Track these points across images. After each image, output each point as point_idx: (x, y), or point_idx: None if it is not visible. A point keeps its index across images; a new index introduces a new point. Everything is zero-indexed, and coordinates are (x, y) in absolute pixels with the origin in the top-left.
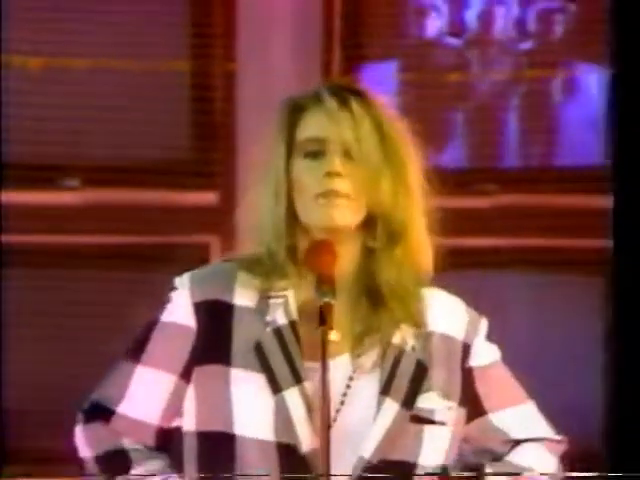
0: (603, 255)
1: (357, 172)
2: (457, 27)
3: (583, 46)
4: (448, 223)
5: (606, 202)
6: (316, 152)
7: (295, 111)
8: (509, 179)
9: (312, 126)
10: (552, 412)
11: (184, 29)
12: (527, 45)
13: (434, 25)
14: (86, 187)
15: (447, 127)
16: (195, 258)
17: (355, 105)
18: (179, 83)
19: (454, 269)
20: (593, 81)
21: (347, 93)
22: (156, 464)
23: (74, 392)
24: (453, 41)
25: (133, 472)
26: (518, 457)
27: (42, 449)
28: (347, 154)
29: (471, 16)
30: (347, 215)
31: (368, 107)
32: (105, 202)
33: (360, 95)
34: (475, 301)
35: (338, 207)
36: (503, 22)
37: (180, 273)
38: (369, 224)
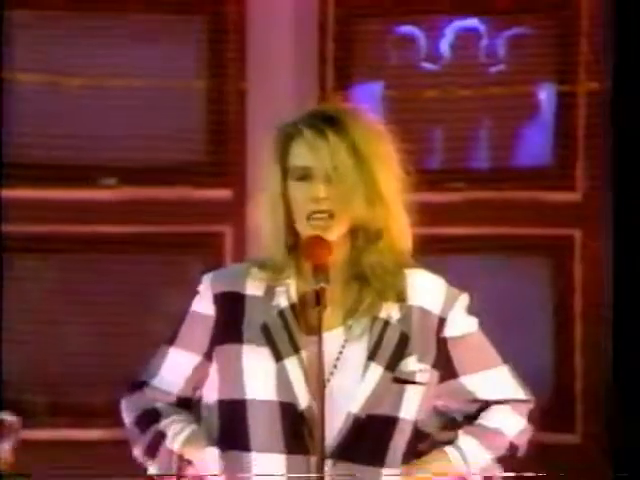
0: (549, 240)
1: (337, 193)
2: (433, 54)
3: (540, 67)
4: (425, 215)
5: (554, 197)
6: (304, 176)
7: (285, 140)
8: (476, 178)
9: (298, 156)
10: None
11: (203, 53)
12: (493, 68)
13: (414, 52)
14: (122, 185)
15: (425, 136)
16: (212, 245)
17: (331, 135)
18: (198, 98)
19: (431, 254)
20: (547, 97)
21: (326, 123)
22: (181, 417)
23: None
24: (429, 66)
25: (162, 423)
26: (486, 420)
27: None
28: (328, 178)
29: (445, 44)
30: (331, 231)
31: (345, 134)
32: (137, 198)
33: (338, 123)
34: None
35: (323, 226)
36: (473, 49)
37: (199, 258)
38: (353, 229)
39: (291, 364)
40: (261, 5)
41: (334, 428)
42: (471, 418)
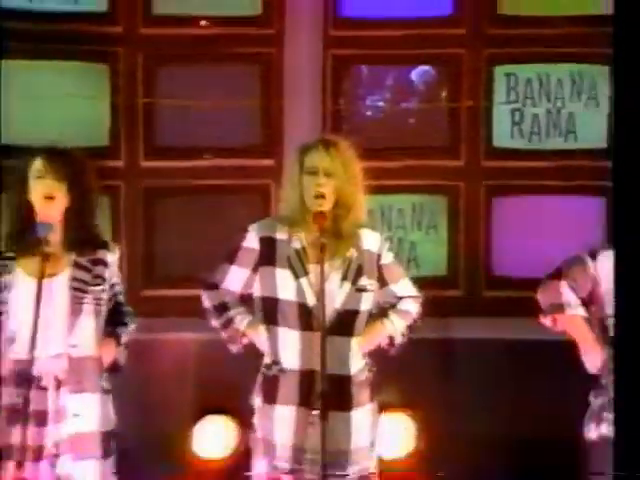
0: None
1: (331, 184)
2: (378, 92)
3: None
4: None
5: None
6: (312, 172)
7: (303, 151)
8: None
9: (309, 161)
10: None
11: (257, 82)
12: (417, 94)
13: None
14: (215, 157)
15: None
16: (263, 190)
17: (331, 150)
18: (257, 110)
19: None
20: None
21: (329, 145)
22: (241, 309)
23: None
24: (377, 98)
25: (232, 312)
26: (401, 306)
27: None
28: (327, 174)
29: (389, 81)
30: (325, 205)
31: (336, 151)
32: (223, 164)
33: (335, 145)
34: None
35: (321, 202)
36: (401, 85)
37: (258, 197)
38: (336, 204)
39: (303, 280)
40: (292, 50)
41: (327, 316)
42: (394, 305)
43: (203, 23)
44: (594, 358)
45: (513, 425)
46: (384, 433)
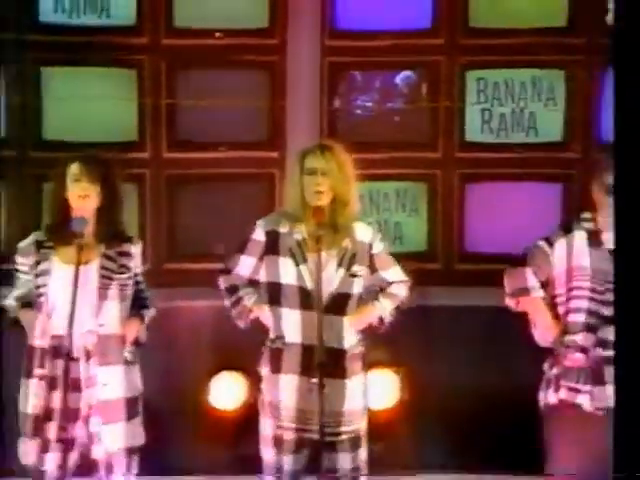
0: None
1: (327, 182)
2: (368, 94)
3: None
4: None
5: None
6: (311, 173)
7: (303, 155)
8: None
9: (309, 163)
10: None
11: (264, 85)
12: (401, 95)
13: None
14: (229, 150)
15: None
16: (268, 178)
17: (327, 153)
18: (263, 110)
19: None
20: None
21: (325, 149)
22: (249, 290)
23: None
24: (366, 99)
25: (241, 292)
26: (391, 290)
27: None
28: (323, 174)
29: (377, 85)
30: (323, 200)
31: (333, 155)
32: (235, 156)
33: (330, 149)
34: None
35: (320, 197)
36: (387, 88)
37: (265, 184)
38: (332, 201)
39: (303, 267)
40: (293, 58)
41: (323, 298)
42: (384, 289)
43: (217, 35)
44: (548, 334)
45: (482, 378)
46: (373, 387)
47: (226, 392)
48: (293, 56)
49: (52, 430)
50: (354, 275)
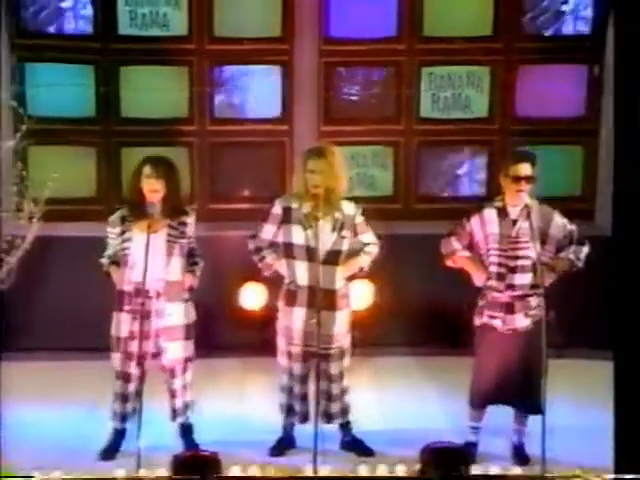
0: None
1: (321, 179)
2: (353, 84)
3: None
4: None
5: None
6: (311, 172)
7: (306, 158)
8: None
9: (309, 165)
10: None
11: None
12: (376, 85)
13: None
14: (252, 124)
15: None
16: (282, 144)
17: (322, 157)
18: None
19: None
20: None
21: (321, 154)
22: (270, 250)
23: None
24: (352, 88)
25: (264, 252)
26: (369, 249)
27: None
28: (319, 173)
29: (360, 78)
30: (319, 189)
31: (327, 157)
32: (257, 128)
33: (325, 153)
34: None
35: (317, 187)
36: (366, 80)
37: (280, 149)
38: (326, 188)
39: (308, 232)
40: (299, 58)
41: (321, 253)
42: (362, 249)
43: (244, 42)
44: (477, 279)
45: (433, 286)
46: (356, 293)
47: (251, 297)
48: (298, 57)
49: (134, 346)
50: (343, 237)
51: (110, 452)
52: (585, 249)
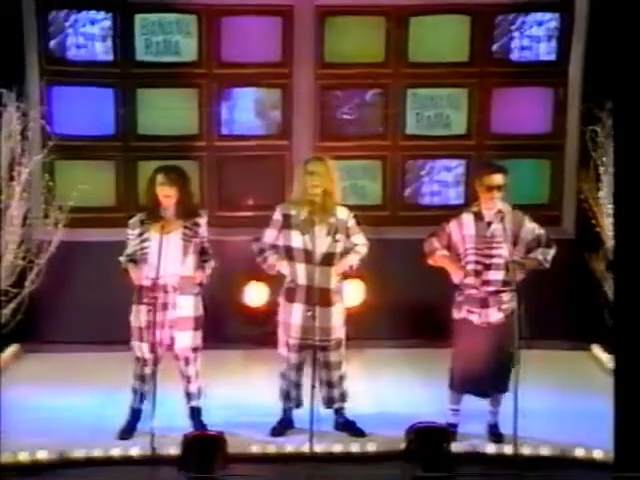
0: None
1: (319, 180)
2: (346, 105)
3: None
4: None
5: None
6: (310, 173)
7: (305, 164)
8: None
9: (308, 168)
10: None
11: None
12: (367, 106)
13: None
14: (257, 140)
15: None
16: (282, 158)
17: (320, 162)
18: (277, 114)
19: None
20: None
21: (319, 160)
22: (272, 251)
23: None
24: (345, 108)
25: (266, 253)
26: (359, 248)
27: None
28: (318, 175)
29: (354, 100)
30: (317, 191)
31: (324, 163)
32: (261, 144)
33: (323, 160)
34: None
35: (315, 190)
36: (359, 101)
37: (279, 162)
38: (323, 193)
39: (306, 237)
40: (297, 81)
41: (317, 255)
42: (353, 249)
43: (249, 66)
44: (455, 277)
45: (417, 285)
46: (348, 290)
47: (254, 295)
48: (297, 80)
49: (150, 335)
50: (337, 241)
51: (128, 432)
52: (552, 251)
